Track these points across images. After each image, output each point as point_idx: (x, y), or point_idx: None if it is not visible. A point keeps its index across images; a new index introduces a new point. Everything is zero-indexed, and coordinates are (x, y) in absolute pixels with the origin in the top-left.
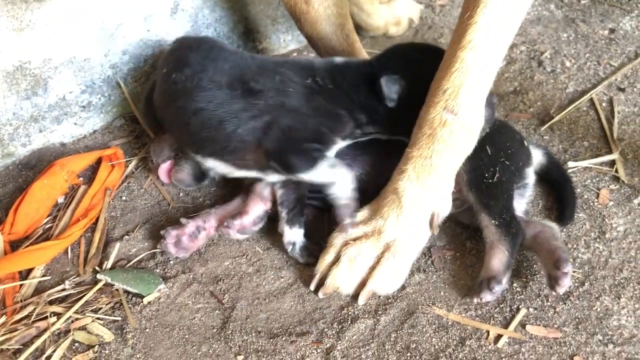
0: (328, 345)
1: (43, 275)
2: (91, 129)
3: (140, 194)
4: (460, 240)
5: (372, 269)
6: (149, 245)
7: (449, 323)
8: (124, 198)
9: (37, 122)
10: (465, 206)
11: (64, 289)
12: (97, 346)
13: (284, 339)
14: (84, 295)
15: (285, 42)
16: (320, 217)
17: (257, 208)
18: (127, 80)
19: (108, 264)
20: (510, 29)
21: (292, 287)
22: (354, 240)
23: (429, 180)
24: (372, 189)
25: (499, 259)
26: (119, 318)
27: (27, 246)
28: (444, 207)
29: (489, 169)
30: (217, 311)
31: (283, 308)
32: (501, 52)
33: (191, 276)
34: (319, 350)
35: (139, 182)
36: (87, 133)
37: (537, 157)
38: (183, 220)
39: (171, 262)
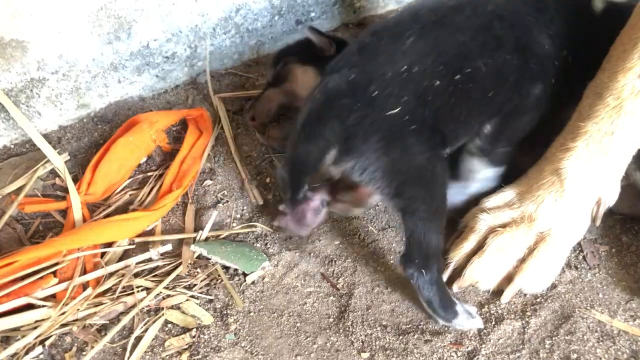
0: (470, 348)
1: (130, 244)
2: (173, 83)
3: (230, 160)
4: (614, 233)
5: (522, 261)
6: (246, 216)
7: (615, 332)
8: (213, 163)
9: (117, 70)
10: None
11: (150, 259)
12: (194, 329)
13: (415, 336)
14: (174, 269)
15: (384, 2)
16: None
17: None
18: (215, 31)
19: (203, 234)
20: None
21: None
22: (502, 226)
23: (604, 162)
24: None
25: None
26: (216, 297)
27: (108, 214)
28: (612, 194)
29: None
30: (331, 297)
31: (409, 300)
32: None
33: (297, 255)
34: (459, 354)
35: (226, 147)
36: (168, 87)
37: None
38: (308, 193)
39: (272, 236)
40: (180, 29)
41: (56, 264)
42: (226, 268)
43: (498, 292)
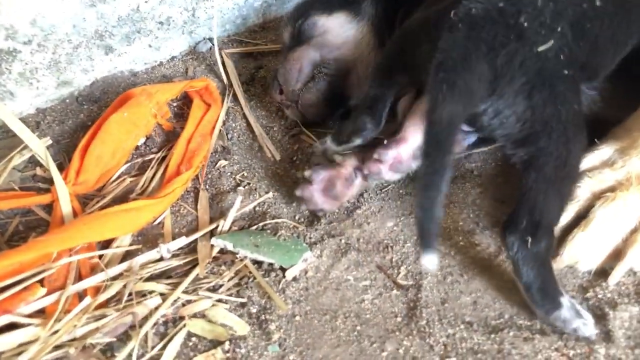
0: (584, 345)
1: (131, 244)
2: (169, 54)
3: (247, 137)
4: None
5: (633, 232)
6: (276, 199)
7: None
8: (226, 141)
9: (103, 39)
10: None
11: (160, 259)
12: (227, 342)
13: (511, 334)
14: (192, 268)
15: None
16: None
17: (419, 134)
18: None
19: (225, 224)
20: None
21: (496, 259)
22: (608, 191)
23: None
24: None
25: None
26: (250, 300)
27: (104, 206)
28: None
29: None
30: (394, 291)
31: (494, 288)
32: None
33: (343, 241)
34: (576, 351)
35: (241, 121)
36: (164, 59)
37: None
38: (338, 157)
39: (308, 220)
40: None
41: (43, 270)
42: (258, 263)
43: (600, 273)
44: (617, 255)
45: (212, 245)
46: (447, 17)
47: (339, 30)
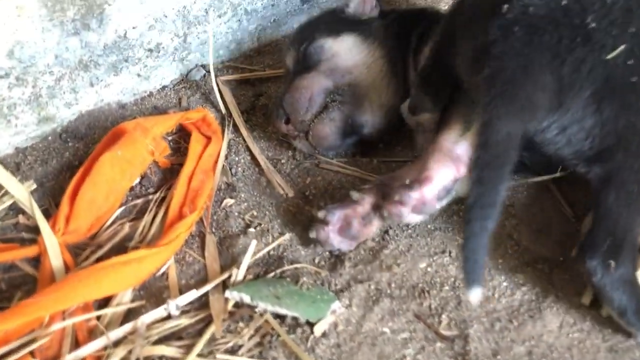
0: None
1: (133, 300)
2: (159, 83)
3: (252, 171)
4: None
5: None
6: (292, 240)
7: None
8: (230, 177)
9: (88, 70)
10: None
11: (169, 317)
12: None
13: None
14: (206, 326)
15: None
16: None
17: (445, 173)
18: (207, 14)
19: (238, 274)
20: None
21: (546, 299)
22: None
23: None
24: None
25: None
26: None
27: (100, 258)
28: None
29: None
30: (438, 344)
31: (548, 334)
32: None
33: (372, 287)
34: None
35: (244, 154)
36: (154, 89)
37: None
38: (355, 194)
39: (331, 263)
40: (164, 13)
41: (34, 339)
42: (281, 317)
43: None
44: None
45: (227, 299)
46: (498, 12)
47: (348, 53)
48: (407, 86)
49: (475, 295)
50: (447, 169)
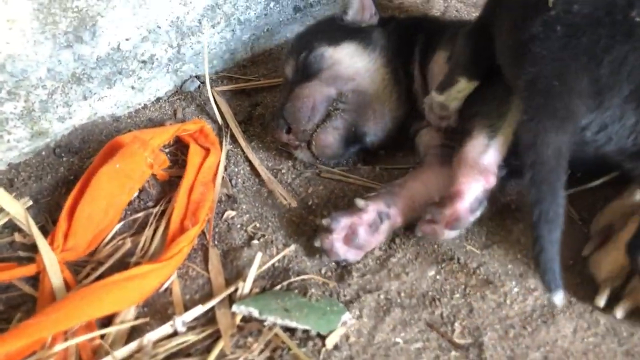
0: None
1: (137, 317)
2: (154, 95)
3: (253, 182)
4: None
5: None
6: (297, 251)
7: None
8: (231, 188)
9: (81, 83)
10: None
11: (175, 334)
12: None
13: None
14: (214, 342)
15: None
16: None
17: (475, 186)
18: (201, 24)
19: (244, 287)
20: None
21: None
22: None
23: None
24: None
25: None
26: None
27: (101, 275)
28: None
29: None
30: (453, 352)
31: (562, 339)
32: None
33: (382, 296)
34: None
35: (244, 165)
36: (148, 101)
37: None
38: (360, 202)
39: (338, 274)
40: (158, 24)
41: None
42: (291, 330)
43: None
44: None
45: (234, 313)
46: (543, 6)
47: (349, 61)
48: (412, 96)
49: (559, 298)
50: (476, 182)
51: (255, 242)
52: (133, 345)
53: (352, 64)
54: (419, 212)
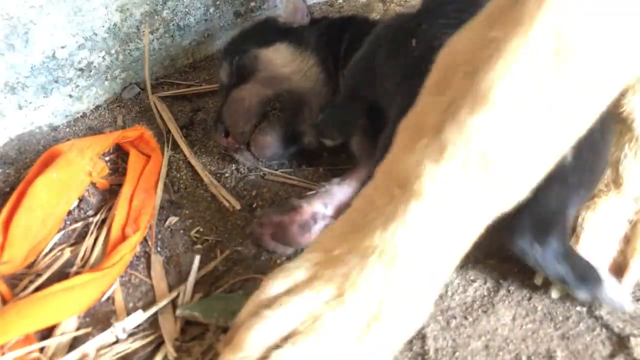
0: None
1: (78, 328)
2: (92, 103)
3: (195, 186)
4: None
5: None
6: (241, 254)
7: None
8: (172, 194)
9: (15, 92)
10: None
11: (116, 341)
12: None
13: None
14: (156, 348)
15: None
16: None
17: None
18: (139, 31)
19: (187, 291)
20: None
21: (497, 294)
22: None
23: None
24: None
25: None
26: None
27: (40, 287)
28: None
29: None
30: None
31: (502, 327)
32: None
33: None
34: None
35: (186, 170)
36: (87, 109)
37: None
38: (295, 202)
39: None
40: (94, 31)
41: None
42: None
43: None
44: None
45: (177, 318)
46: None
47: (283, 61)
48: None
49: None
50: None
51: (198, 246)
52: (74, 356)
53: (286, 63)
54: None
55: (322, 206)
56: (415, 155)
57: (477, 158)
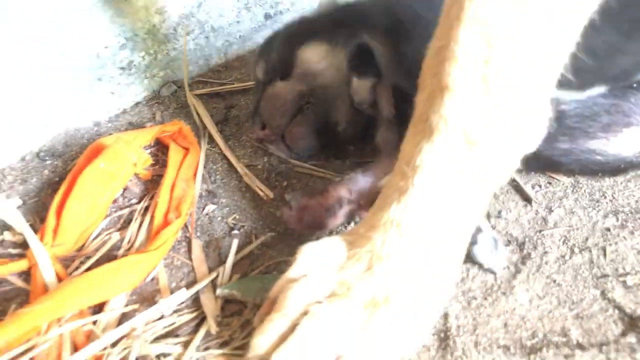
0: None
1: (126, 305)
2: (132, 100)
3: (231, 178)
4: None
5: None
6: (274, 238)
7: None
8: (210, 184)
9: (61, 90)
10: None
11: (161, 317)
12: None
13: (550, 352)
14: (200, 323)
15: None
16: None
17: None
18: (176, 32)
19: (225, 272)
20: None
21: (517, 275)
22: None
23: None
24: None
25: None
26: None
27: (90, 267)
28: None
29: None
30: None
31: (520, 306)
32: None
33: None
34: None
35: (222, 162)
36: (127, 106)
37: None
38: (322, 187)
39: None
40: (135, 32)
41: (33, 346)
42: None
43: None
44: None
45: (217, 297)
46: None
47: (317, 59)
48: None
49: None
50: None
51: (235, 232)
52: (124, 329)
53: (320, 61)
54: None
55: (347, 192)
56: (417, 137)
57: (459, 139)
